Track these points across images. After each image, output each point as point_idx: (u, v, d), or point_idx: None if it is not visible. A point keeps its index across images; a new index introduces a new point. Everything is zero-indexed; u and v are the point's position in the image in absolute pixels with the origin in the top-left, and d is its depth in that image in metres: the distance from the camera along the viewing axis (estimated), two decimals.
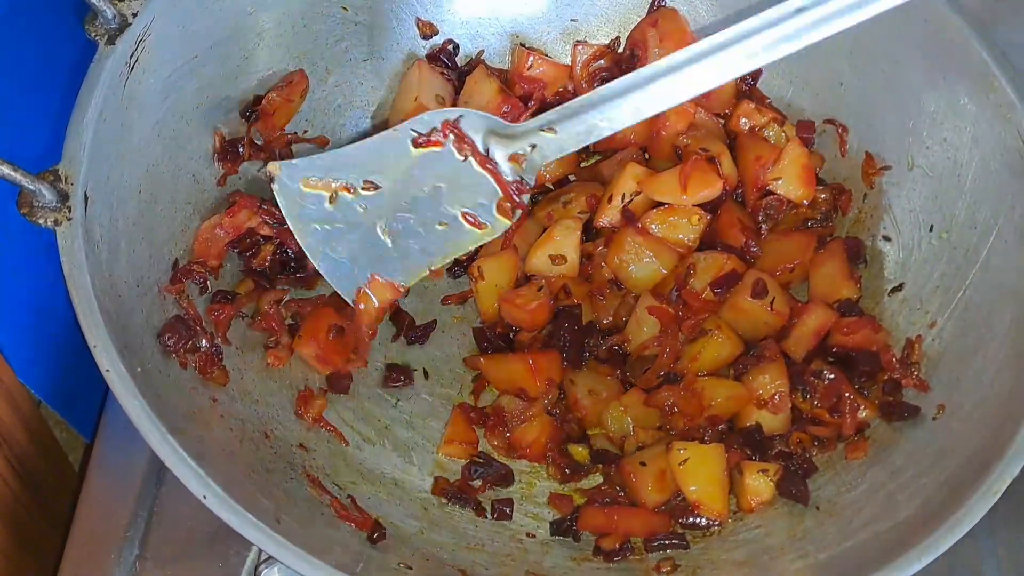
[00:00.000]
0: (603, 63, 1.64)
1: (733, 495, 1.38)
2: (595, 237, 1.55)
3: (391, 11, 1.61)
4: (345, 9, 1.56)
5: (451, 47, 1.65)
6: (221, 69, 1.44)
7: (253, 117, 1.49)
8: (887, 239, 1.51)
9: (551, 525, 1.40)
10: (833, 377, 1.39)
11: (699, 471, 1.35)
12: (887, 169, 1.52)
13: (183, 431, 1.15)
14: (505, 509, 1.40)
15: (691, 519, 1.37)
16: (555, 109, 1.24)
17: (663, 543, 1.35)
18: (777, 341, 1.45)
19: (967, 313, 1.37)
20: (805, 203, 1.53)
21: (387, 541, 1.30)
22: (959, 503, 1.15)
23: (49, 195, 1.17)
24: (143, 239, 1.31)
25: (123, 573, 1.39)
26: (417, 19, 1.62)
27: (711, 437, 1.40)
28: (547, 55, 1.66)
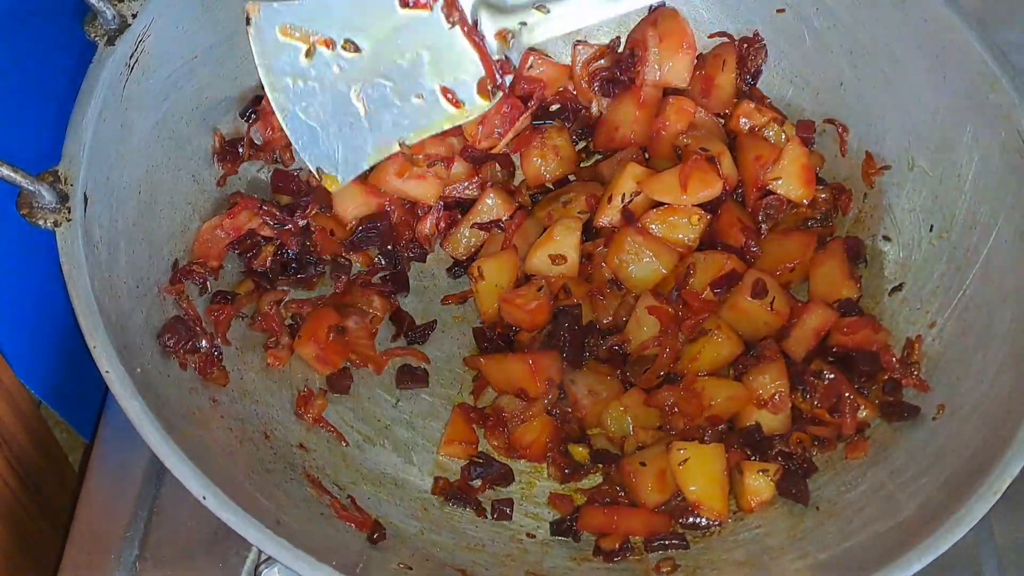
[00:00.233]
0: (603, 63, 1.64)
1: (733, 495, 1.38)
2: (595, 237, 1.55)
3: None
4: None
5: None
6: (220, 69, 1.44)
7: (253, 117, 1.49)
8: (887, 239, 1.51)
9: (551, 525, 1.40)
10: (833, 377, 1.39)
11: (699, 471, 1.35)
12: (887, 169, 1.52)
13: (183, 431, 1.16)
14: (505, 509, 1.40)
15: (691, 519, 1.37)
16: None
17: (663, 543, 1.35)
18: (777, 341, 1.45)
19: (967, 313, 1.37)
20: (805, 203, 1.53)
21: (387, 541, 1.30)
22: (959, 503, 1.15)
23: (49, 196, 1.17)
24: (143, 239, 1.31)
25: (123, 573, 1.39)
26: None
27: (711, 437, 1.40)
28: (547, 55, 1.65)
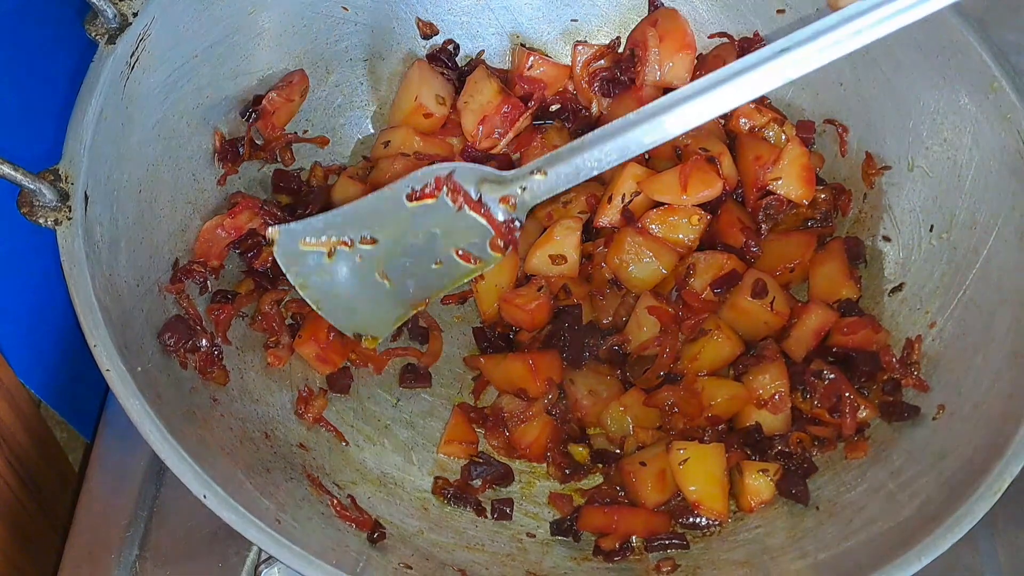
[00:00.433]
0: (603, 63, 1.64)
1: (733, 495, 1.38)
2: (595, 237, 1.55)
3: (391, 11, 1.61)
4: (345, 9, 1.56)
5: (451, 47, 1.65)
6: (221, 69, 1.44)
7: (253, 117, 1.49)
8: (887, 239, 1.51)
9: (551, 525, 1.40)
10: (833, 377, 1.39)
11: (699, 471, 1.35)
12: (887, 169, 1.52)
13: (183, 431, 1.16)
14: (505, 509, 1.40)
15: (691, 519, 1.37)
16: (545, 156, 1.31)
17: (663, 543, 1.35)
18: (777, 341, 1.45)
19: (967, 313, 1.37)
20: (805, 203, 1.53)
21: (387, 541, 1.30)
22: (959, 503, 1.15)
23: (49, 194, 1.17)
24: (143, 239, 1.31)
25: (123, 573, 1.39)
26: (417, 19, 1.62)
27: (711, 437, 1.40)
28: (547, 55, 1.66)
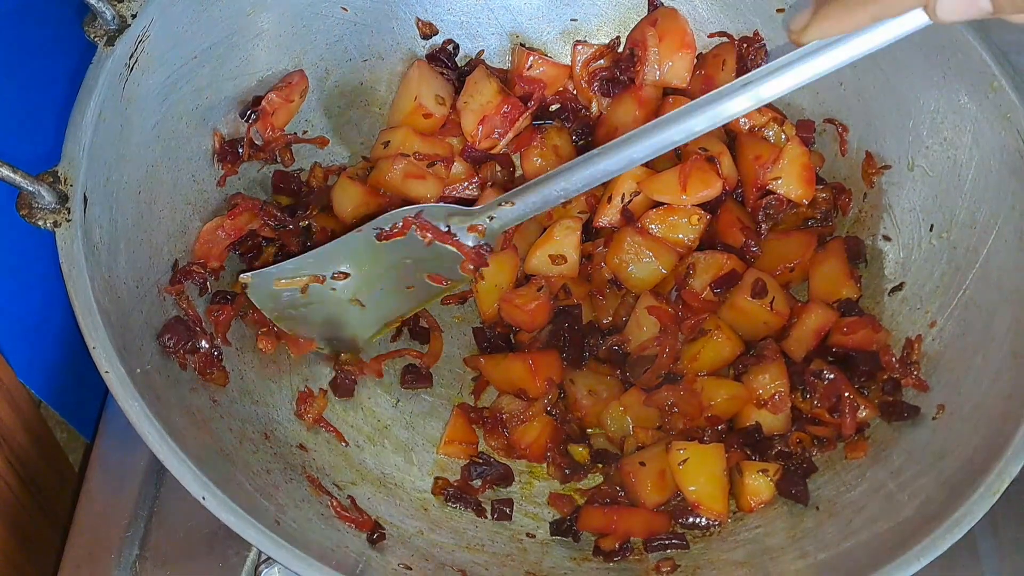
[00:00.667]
0: (603, 63, 1.64)
1: (733, 495, 1.38)
2: (595, 237, 1.55)
3: (391, 11, 1.60)
4: (345, 9, 1.56)
5: (451, 47, 1.65)
6: (220, 70, 1.44)
7: (253, 117, 1.49)
8: (887, 239, 1.51)
9: (551, 525, 1.40)
10: (833, 377, 1.39)
11: (699, 471, 1.35)
12: (887, 169, 1.52)
13: (182, 432, 1.16)
14: (505, 509, 1.40)
15: (691, 519, 1.37)
16: (515, 189, 1.36)
17: (663, 543, 1.35)
18: (777, 341, 1.45)
19: (967, 313, 1.37)
20: (805, 203, 1.53)
21: (387, 541, 1.30)
22: (959, 503, 1.15)
23: (48, 196, 1.17)
24: (143, 240, 1.31)
25: (123, 573, 1.39)
26: (417, 19, 1.62)
27: (711, 437, 1.40)
28: (547, 55, 1.66)
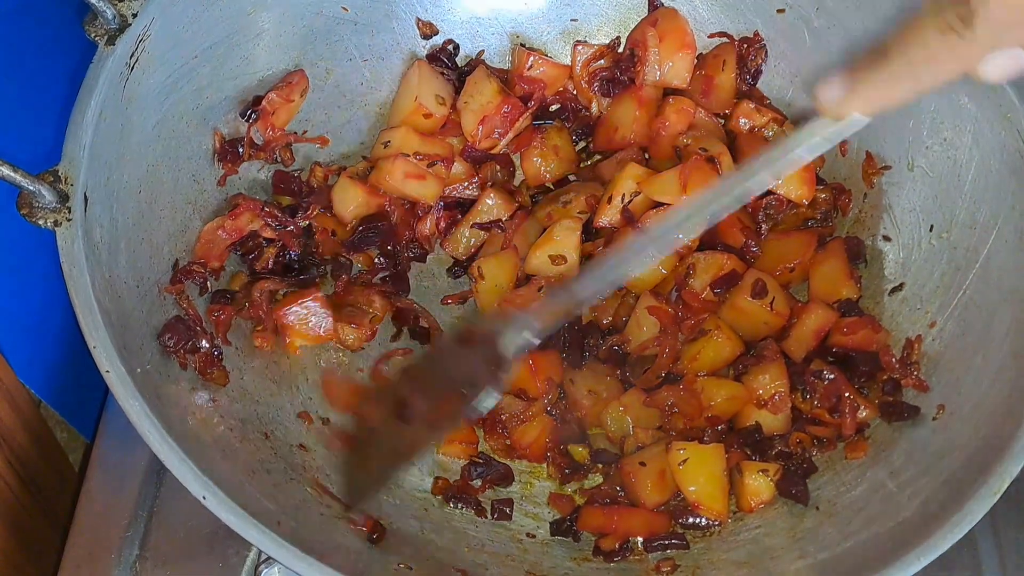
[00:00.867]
0: (603, 63, 1.64)
1: (733, 495, 1.38)
2: (595, 237, 1.54)
3: (391, 11, 1.60)
4: (345, 9, 1.56)
5: (451, 47, 1.64)
6: (221, 69, 1.44)
7: (253, 117, 1.49)
8: (887, 239, 1.51)
9: (551, 525, 1.40)
10: (833, 377, 1.39)
11: (699, 471, 1.35)
12: (887, 169, 1.52)
13: (183, 432, 1.15)
14: (505, 509, 1.40)
15: (691, 519, 1.37)
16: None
17: (663, 543, 1.35)
18: (777, 341, 1.45)
19: (967, 313, 1.36)
20: (805, 203, 1.53)
21: (387, 541, 1.29)
22: (959, 503, 1.15)
23: (49, 196, 1.17)
24: (143, 239, 1.31)
25: (123, 573, 1.39)
26: (417, 19, 1.62)
27: (711, 437, 1.40)
28: (547, 55, 1.66)
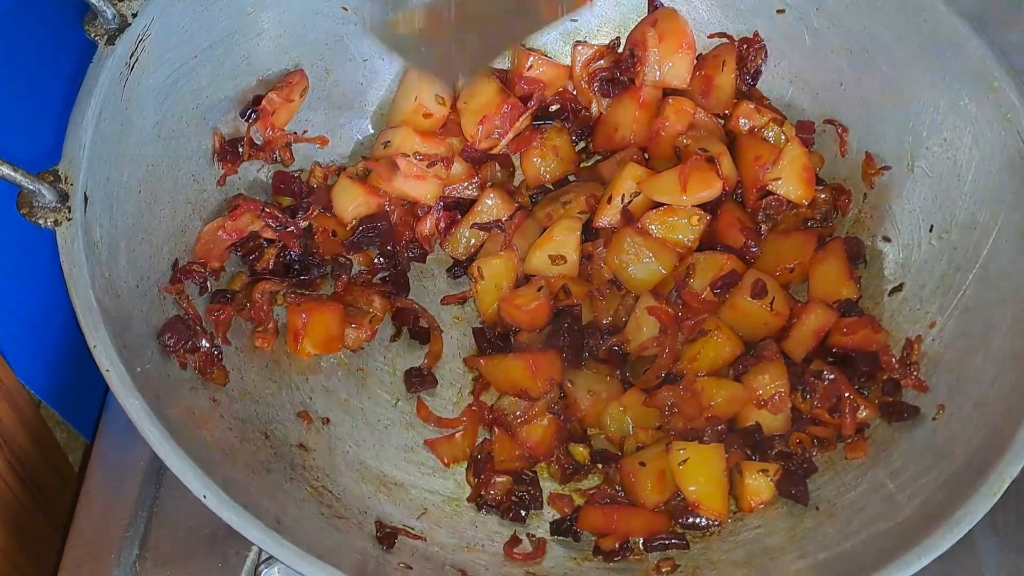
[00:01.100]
0: (603, 63, 1.64)
1: (733, 495, 1.38)
2: (595, 237, 1.54)
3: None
4: (345, 9, 1.56)
5: None
6: (220, 69, 1.44)
7: (253, 117, 1.49)
8: (887, 239, 1.51)
9: (551, 525, 1.40)
10: (833, 377, 1.39)
11: (699, 471, 1.35)
12: (887, 169, 1.52)
13: (183, 431, 1.16)
14: (521, 512, 1.39)
15: (691, 519, 1.37)
16: None
17: (663, 543, 1.35)
18: (777, 341, 1.45)
19: (967, 313, 1.37)
20: (805, 203, 1.53)
21: (387, 541, 1.30)
22: (959, 503, 1.15)
23: (49, 195, 1.17)
24: (143, 239, 1.31)
25: (123, 573, 1.39)
26: None
27: (711, 437, 1.40)
28: (547, 55, 1.66)
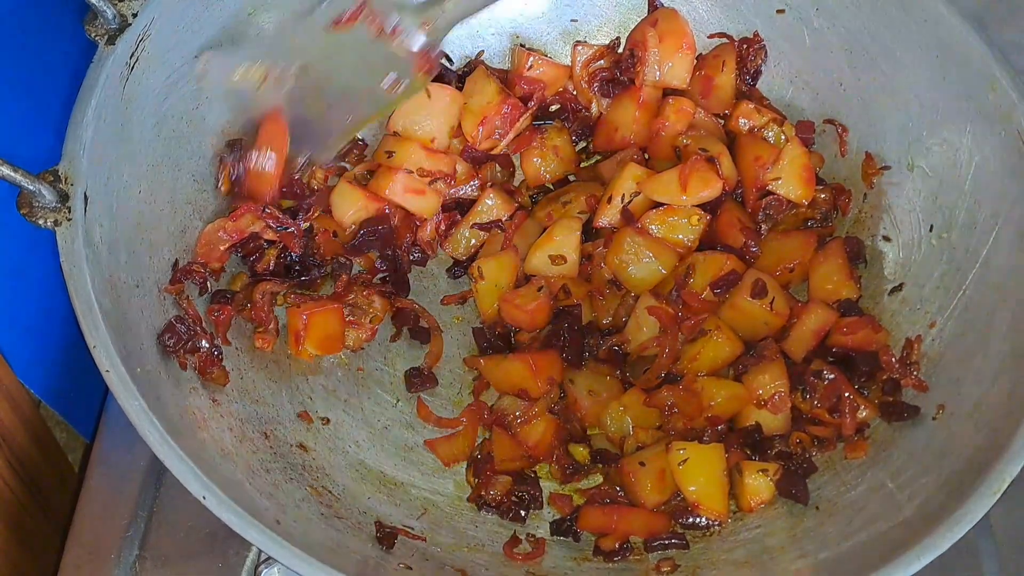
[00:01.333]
0: (603, 63, 1.64)
1: (733, 495, 1.38)
2: (595, 237, 1.55)
3: None
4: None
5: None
6: None
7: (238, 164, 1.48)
8: (887, 239, 1.51)
9: (551, 525, 1.40)
10: (833, 377, 1.39)
11: (699, 471, 1.35)
12: (887, 169, 1.52)
13: (182, 431, 1.16)
14: (521, 512, 1.39)
15: (691, 519, 1.37)
16: None
17: (663, 543, 1.34)
18: (777, 341, 1.45)
19: (967, 313, 1.37)
20: (805, 203, 1.53)
21: (387, 541, 1.30)
22: (959, 503, 1.15)
23: (49, 195, 1.17)
24: (143, 239, 1.31)
25: (123, 573, 1.38)
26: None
27: (711, 437, 1.40)
28: (547, 55, 1.66)
